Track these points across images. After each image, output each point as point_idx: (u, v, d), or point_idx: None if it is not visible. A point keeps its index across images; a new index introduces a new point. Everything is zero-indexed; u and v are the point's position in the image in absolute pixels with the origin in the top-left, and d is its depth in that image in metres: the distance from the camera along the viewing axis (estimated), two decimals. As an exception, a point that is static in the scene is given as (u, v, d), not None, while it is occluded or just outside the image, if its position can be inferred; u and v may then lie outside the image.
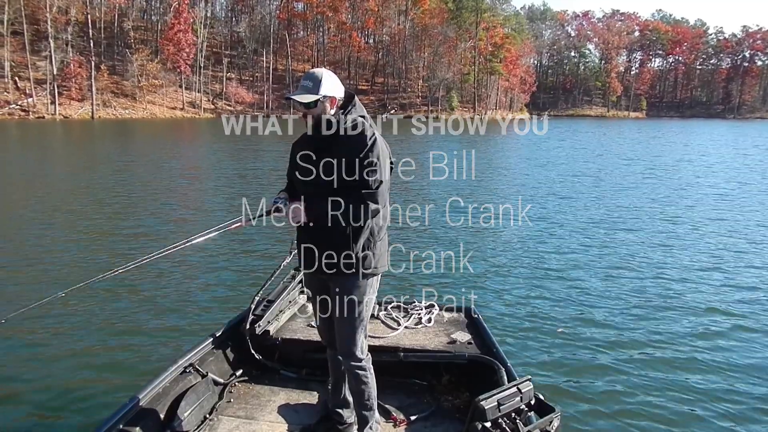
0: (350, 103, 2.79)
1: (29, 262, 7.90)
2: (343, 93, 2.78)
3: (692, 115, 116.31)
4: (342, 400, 3.17)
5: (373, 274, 2.86)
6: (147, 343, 5.31)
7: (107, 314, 5.95)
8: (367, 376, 2.93)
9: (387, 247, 2.92)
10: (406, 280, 6.94)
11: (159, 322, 5.81)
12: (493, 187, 16.28)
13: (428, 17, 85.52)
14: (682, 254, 8.90)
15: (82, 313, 5.94)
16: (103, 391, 4.36)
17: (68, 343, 5.27)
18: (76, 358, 4.96)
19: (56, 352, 5.08)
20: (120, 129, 42.94)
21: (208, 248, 8.40)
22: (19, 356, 5.00)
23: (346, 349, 2.91)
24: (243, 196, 13.12)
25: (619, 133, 53.06)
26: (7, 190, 14.58)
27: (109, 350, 5.13)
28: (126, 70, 63.51)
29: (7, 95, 52.32)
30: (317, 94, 2.67)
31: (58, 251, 8.49)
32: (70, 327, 5.61)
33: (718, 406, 4.35)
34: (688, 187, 16.81)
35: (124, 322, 5.79)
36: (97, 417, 3.51)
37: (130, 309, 6.12)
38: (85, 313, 5.93)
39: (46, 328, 5.51)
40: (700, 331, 5.77)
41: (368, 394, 2.94)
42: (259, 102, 73.08)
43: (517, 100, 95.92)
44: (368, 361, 2.95)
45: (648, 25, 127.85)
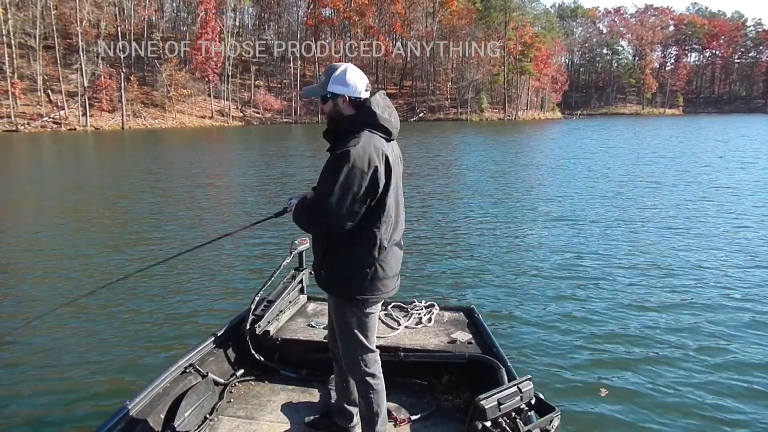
0: (361, 110, 2.62)
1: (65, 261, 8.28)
2: (361, 93, 2.63)
3: (731, 111, 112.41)
4: (350, 399, 3.08)
5: (354, 299, 2.69)
6: (147, 343, 5.35)
7: (108, 315, 6.02)
8: (370, 391, 2.82)
9: (384, 272, 2.69)
10: (406, 280, 6.91)
11: (159, 323, 5.84)
12: (494, 187, 16.14)
13: (456, 18, 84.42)
14: (683, 250, 8.87)
15: (83, 314, 6.01)
16: (103, 392, 4.39)
17: (69, 343, 5.32)
18: (76, 359, 4.99)
19: (56, 352, 5.11)
20: (150, 138, 43.35)
21: (209, 249, 8.49)
22: (19, 356, 5.06)
23: (346, 364, 2.89)
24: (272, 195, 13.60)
25: (649, 130, 51.41)
26: (46, 199, 14.71)
27: (109, 351, 5.15)
28: (155, 80, 64.04)
29: (40, 108, 53.12)
30: (325, 89, 2.64)
31: (91, 254, 8.73)
32: (70, 328, 5.68)
33: (719, 405, 4.30)
34: (710, 187, 15.90)
35: (125, 323, 5.83)
36: (98, 417, 3.53)
37: (131, 310, 6.19)
38: (85, 315, 6.00)
39: (47, 330, 5.57)
40: (707, 331, 5.65)
41: (374, 405, 2.84)
42: (288, 108, 73.00)
43: (549, 100, 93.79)
44: (373, 377, 2.83)
45: (683, 19, 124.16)
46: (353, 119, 2.61)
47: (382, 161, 2.54)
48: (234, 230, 3.96)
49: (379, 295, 2.72)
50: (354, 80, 2.61)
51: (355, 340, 2.77)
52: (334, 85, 2.61)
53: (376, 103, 2.62)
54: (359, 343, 2.78)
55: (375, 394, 2.83)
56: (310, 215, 2.60)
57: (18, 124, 49.59)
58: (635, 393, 4.48)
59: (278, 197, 14.00)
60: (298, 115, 71.11)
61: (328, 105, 2.66)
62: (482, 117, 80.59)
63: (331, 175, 2.49)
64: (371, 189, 2.52)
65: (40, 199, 14.61)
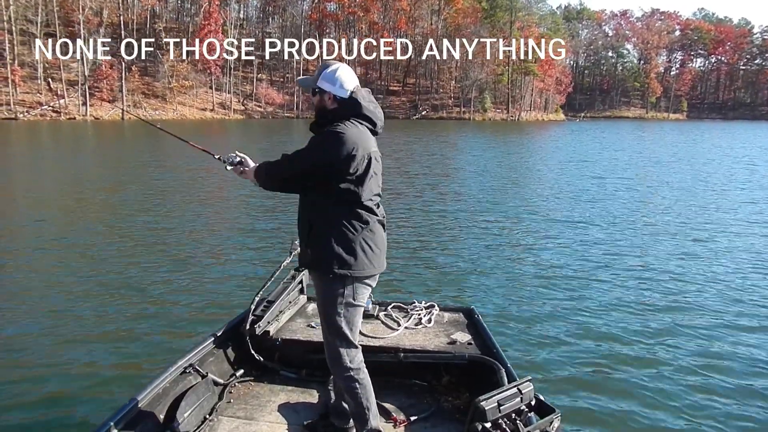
0: (347, 109, 2.71)
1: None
2: (347, 94, 2.70)
3: (735, 117, 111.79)
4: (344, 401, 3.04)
5: (340, 274, 2.68)
6: (147, 343, 5.31)
7: (107, 314, 5.96)
8: (356, 385, 2.80)
9: (370, 248, 2.73)
10: (406, 280, 6.93)
11: (159, 323, 5.81)
12: (495, 187, 16.05)
13: (461, 17, 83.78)
14: (683, 251, 8.86)
15: (82, 313, 5.96)
16: (102, 392, 4.37)
17: (68, 343, 5.26)
18: (76, 359, 4.94)
19: (56, 352, 5.05)
20: (149, 129, 42.85)
21: (209, 249, 8.68)
22: (19, 357, 5.00)
23: (329, 360, 2.88)
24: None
25: (653, 134, 51.09)
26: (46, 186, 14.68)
27: (108, 351, 5.12)
28: (157, 71, 63.62)
29: (39, 96, 52.75)
30: (315, 83, 2.74)
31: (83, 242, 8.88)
32: (70, 327, 5.60)
33: (720, 405, 4.30)
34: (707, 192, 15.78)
35: (124, 322, 5.77)
36: (97, 417, 3.49)
37: (130, 309, 6.12)
38: (84, 314, 5.95)
39: (46, 329, 5.52)
40: (708, 333, 5.65)
41: (362, 399, 2.81)
42: (290, 103, 72.67)
43: (552, 102, 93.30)
44: (357, 371, 2.82)
45: (689, 24, 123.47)
46: (338, 111, 2.71)
47: (363, 146, 2.65)
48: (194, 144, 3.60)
49: (365, 269, 2.73)
50: (342, 80, 2.70)
51: (338, 332, 2.77)
52: (323, 81, 2.71)
53: (361, 96, 2.73)
54: (343, 336, 2.78)
55: (362, 388, 2.82)
56: (260, 168, 2.85)
57: (17, 112, 49.26)
58: (636, 394, 4.46)
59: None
60: (300, 110, 70.74)
61: (317, 98, 2.77)
62: (485, 117, 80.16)
63: (307, 146, 2.68)
64: (350, 169, 2.63)
65: (27, 190, 14.33)
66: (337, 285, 2.73)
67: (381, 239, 2.83)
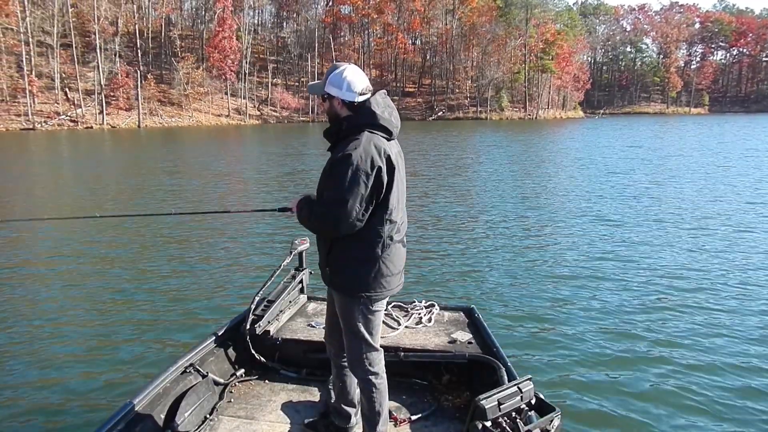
0: (359, 111, 2.61)
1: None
2: (355, 98, 2.60)
3: (758, 110, 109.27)
4: (348, 400, 3.07)
5: (358, 295, 2.69)
6: (147, 343, 5.30)
7: (108, 314, 5.99)
8: (373, 389, 2.81)
9: (389, 270, 2.70)
10: (406, 279, 6.15)
11: (159, 323, 5.83)
12: (495, 187, 15.94)
13: (476, 15, 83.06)
14: (682, 251, 8.76)
15: (82, 313, 6.02)
16: (103, 392, 4.37)
17: (69, 343, 5.28)
18: (76, 359, 4.96)
19: (56, 352, 5.07)
20: (167, 136, 43.16)
21: (209, 249, 8.77)
22: (19, 357, 5.01)
23: (349, 362, 2.89)
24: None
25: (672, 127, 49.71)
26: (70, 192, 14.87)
27: (109, 351, 5.12)
28: (172, 78, 63.82)
29: (57, 106, 53.10)
30: (322, 89, 2.66)
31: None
32: (70, 327, 5.64)
33: (721, 405, 4.24)
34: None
35: (125, 322, 5.79)
36: (98, 417, 3.50)
37: (131, 309, 6.15)
38: (85, 314, 6.00)
39: (46, 329, 5.56)
40: (708, 332, 5.59)
41: (376, 404, 2.82)
42: (305, 107, 72.49)
43: (570, 99, 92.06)
44: (376, 376, 2.82)
45: (709, 16, 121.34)
46: (352, 120, 2.59)
47: (384, 160, 2.53)
48: (235, 210, 3.73)
49: (383, 291, 2.72)
50: (350, 83, 2.59)
51: (360, 337, 2.76)
52: (330, 86, 2.62)
53: (376, 103, 2.60)
54: (364, 340, 2.78)
55: (378, 393, 2.82)
56: (324, 221, 2.59)
57: (35, 122, 49.52)
58: (636, 393, 4.44)
59: (295, 193, 13.47)
60: (315, 114, 70.42)
61: (326, 104, 2.68)
62: (502, 116, 79.29)
63: (335, 180, 2.50)
64: (376, 189, 2.53)
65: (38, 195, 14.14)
66: (355, 302, 2.72)
67: (400, 260, 2.78)
